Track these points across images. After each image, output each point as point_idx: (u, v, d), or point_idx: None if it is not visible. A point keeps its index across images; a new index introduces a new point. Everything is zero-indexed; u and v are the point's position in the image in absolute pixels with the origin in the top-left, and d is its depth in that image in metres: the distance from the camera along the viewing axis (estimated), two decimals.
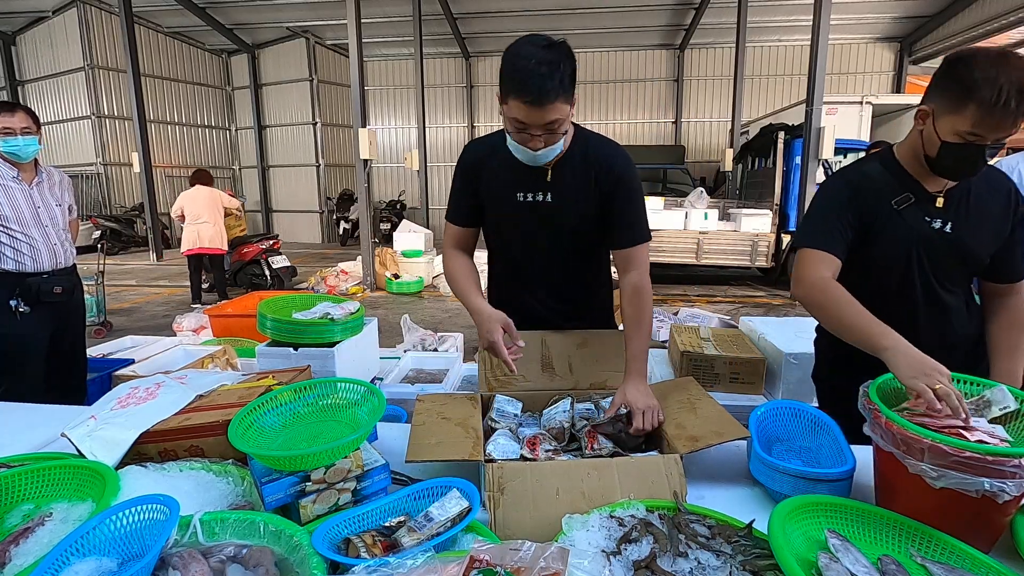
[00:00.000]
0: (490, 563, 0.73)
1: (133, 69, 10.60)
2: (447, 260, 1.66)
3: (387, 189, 16.43)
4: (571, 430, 1.32)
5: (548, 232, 1.56)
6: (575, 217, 1.54)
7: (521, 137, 1.36)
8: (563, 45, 1.30)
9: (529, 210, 1.54)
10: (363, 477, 1.04)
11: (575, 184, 1.51)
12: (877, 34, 13.66)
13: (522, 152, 1.39)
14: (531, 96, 1.26)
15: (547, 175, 1.51)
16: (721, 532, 0.91)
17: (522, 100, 1.27)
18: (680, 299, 7.78)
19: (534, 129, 1.33)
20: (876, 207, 1.39)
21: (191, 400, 1.28)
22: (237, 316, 4.24)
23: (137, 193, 13.31)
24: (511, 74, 1.27)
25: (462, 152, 1.61)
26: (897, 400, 1.08)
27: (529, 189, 1.52)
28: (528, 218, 1.55)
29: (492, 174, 1.55)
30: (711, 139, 14.91)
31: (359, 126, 8.08)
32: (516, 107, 1.30)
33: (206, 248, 7.09)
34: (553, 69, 1.25)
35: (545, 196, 1.52)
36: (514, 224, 1.59)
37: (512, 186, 1.53)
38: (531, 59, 1.25)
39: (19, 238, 2.59)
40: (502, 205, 1.56)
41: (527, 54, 1.26)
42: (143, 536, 0.81)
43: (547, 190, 1.52)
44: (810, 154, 7.44)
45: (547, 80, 1.24)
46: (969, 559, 0.84)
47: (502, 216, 1.59)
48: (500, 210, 1.58)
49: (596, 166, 1.50)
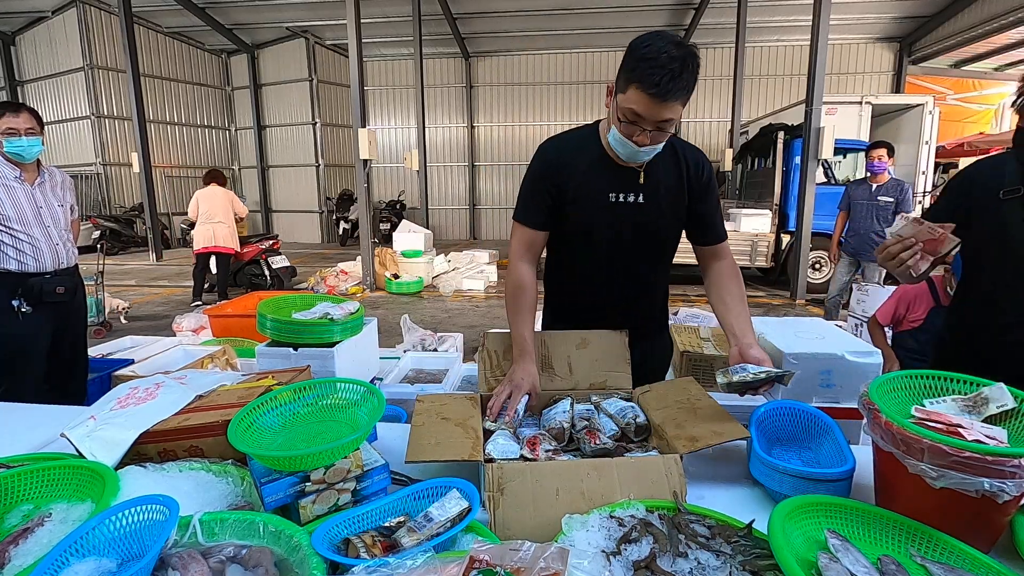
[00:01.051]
0: (490, 563, 0.73)
1: (133, 69, 10.60)
2: (515, 272, 1.55)
3: (387, 189, 16.43)
4: (571, 430, 1.32)
5: (636, 233, 1.53)
6: (665, 218, 1.54)
7: (630, 130, 1.32)
8: (692, 47, 1.28)
9: (620, 211, 1.50)
10: (363, 477, 1.04)
11: (667, 185, 1.50)
12: (877, 34, 13.67)
13: (624, 146, 1.37)
14: (656, 88, 1.23)
15: (640, 176, 1.48)
16: (721, 532, 0.91)
17: (646, 91, 1.24)
18: (680, 299, 7.78)
19: (647, 123, 1.30)
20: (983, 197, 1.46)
21: (191, 400, 1.28)
22: (237, 316, 4.24)
23: (137, 193, 13.32)
24: (641, 62, 1.24)
25: (540, 150, 1.55)
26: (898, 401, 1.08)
27: (621, 190, 1.49)
28: (617, 219, 1.51)
29: (581, 173, 1.50)
30: (711, 139, 14.92)
31: (359, 126, 8.08)
32: (636, 97, 1.27)
33: (220, 247, 7.14)
34: (683, 68, 1.23)
35: (637, 197, 1.50)
36: (602, 225, 1.53)
37: (604, 186, 1.49)
38: (663, 53, 1.23)
39: (21, 238, 2.59)
40: (592, 206, 1.51)
41: (660, 47, 1.23)
42: (143, 536, 0.81)
43: (639, 191, 1.50)
44: (810, 154, 7.44)
45: (676, 77, 1.23)
46: (969, 559, 0.84)
47: (589, 217, 1.52)
48: (588, 211, 1.52)
49: (687, 168, 1.51)
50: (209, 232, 7.06)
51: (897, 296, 3.04)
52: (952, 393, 1.07)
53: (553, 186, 1.51)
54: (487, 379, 1.54)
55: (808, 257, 7.90)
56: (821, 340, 2.18)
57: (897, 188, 4.99)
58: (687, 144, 1.57)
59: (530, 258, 1.55)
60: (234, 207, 7.28)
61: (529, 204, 1.55)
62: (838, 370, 2.04)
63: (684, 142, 1.57)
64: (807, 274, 8.02)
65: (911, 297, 2.96)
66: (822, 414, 1.29)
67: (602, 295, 1.63)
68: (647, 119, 1.29)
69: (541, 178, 1.52)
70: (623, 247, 1.55)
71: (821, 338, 2.20)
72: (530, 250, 1.55)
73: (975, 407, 1.01)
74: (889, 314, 3.04)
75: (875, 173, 5.04)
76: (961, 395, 1.06)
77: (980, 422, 0.97)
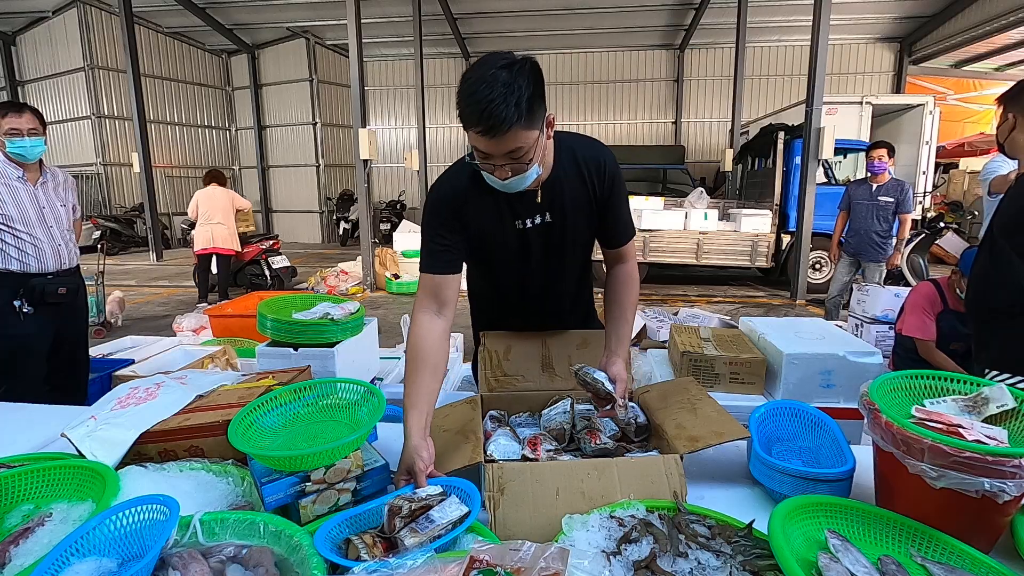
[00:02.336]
0: (490, 563, 0.73)
1: (133, 69, 10.60)
2: (413, 328, 1.34)
3: (387, 189, 16.43)
4: (571, 431, 1.32)
5: (552, 252, 1.48)
6: (579, 231, 1.47)
7: (487, 167, 1.23)
8: (526, 64, 1.16)
9: (530, 235, 1.43)
10: (363, 477, 1.04)
11: (572, 197, 1.41)
12: (877, 34, 13.66)
13: (493, 182, 1.26)
14: (484, 126, 1.12)
15: (537, 196, 1.39)
16: (721, 532, 0.91)
17: (474, 131, 1.15)
18: (680, 299, 7.78)
19: (497, 160, 1.20)
20: None
21: (191, 400, 1.28)
22: (237, 316, 4.24)
23: (137, 193, 13.32)
24: (464, 100, 1.13)
25: (433, 191, 1.41)
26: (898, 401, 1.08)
27: (525, 215, 1.41)
28: (529, 243, 1.45)
29: (481, 206, 1.38)
30: (711, 139, 14.91)
31: (359, 126, 8.08)
32: (474, 137, 1.17)
33: (219, 248, 7.13)
34: (508, 94, 1.10)
35: (544, 217, 1.42)
36: (513, 253, 1.47)
37: (507, 214, 1.41)
38: (483, 83, 1.11)
39: (24, 238, 2.59)
40: (499, 236, 1.43)
41: (481, 77, 1.12)
42: (143, 536, 0.81)
43: (544, 211, 1.42)
44: (810, 154, 7.44)
45: (501, 107, 1.10)
46: (969, 559, 0.84)
47: (497, 248, 1.45)
48: (497, 241, 1.44)
49: (588, 171, 1.41)
50: (208, 233, 7.05)
51: (918, 306, 2.90)
52: (952, 393, 1.07)
53: (455, 224, 1.39)
54: (487, 379, 1.54)
55: (808, 257, 7.90)
56: (821, 340, 2.18)
57: (897, 188, 4.99)
58: (587, 142, 1.45)
59: (436, 308, 1.36)
60: (235, 204, 7.27)
61: (432, 248, 1.39)
62: (838, 370, 2.04)
63: (584, 140, 1.45)
64: (807, 274, 8.01)
65: (928, 302, 2.87)
66: (822, 414, 1.29)
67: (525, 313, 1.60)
68: (494, 156, 1.19)
69: (440, 217, 1.39)
70: (541, 267, 1.50)
71: (821, 338, 2.20)
72: (435, 299, 1.36)
73: (975, 407, 1.01)
74: (924, 326, 2.87)
75: (875, 173, 5.04)
76: (961, 395, 1.06)
77: (980, 422, 0.97)
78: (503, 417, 1.43)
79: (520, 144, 1.17)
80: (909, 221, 5.17)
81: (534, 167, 1.25)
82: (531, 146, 1.20)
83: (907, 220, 5.09)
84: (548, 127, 1.26)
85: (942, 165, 12.51)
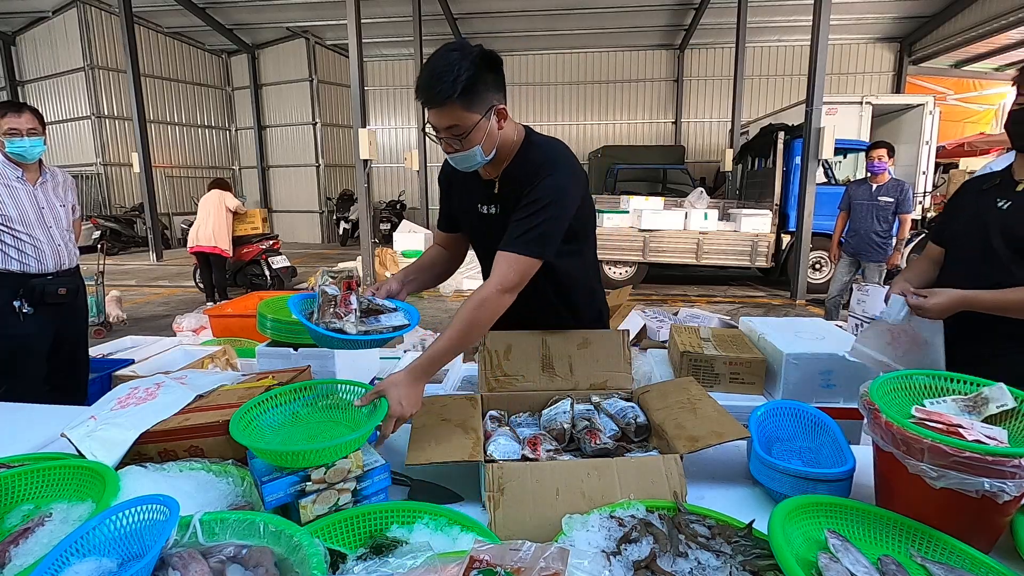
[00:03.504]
0: (490, 563, 0.73)
1: (133, 69, 10.60)
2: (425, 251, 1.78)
3: (387, 189, 16.42)
4: (571, 431, 1.32)
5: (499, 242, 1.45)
6: None
7: (436, 139, 1.35)
8: (476, 50, 1.25)
9: (485, 222, 1.52)
10: (363, 477, 1.04)
11: (518, 194, 1.40)
12: (877, 34, 13.66)
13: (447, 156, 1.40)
14: (423, 96, 1.26)
15: (495, 186, 1.48)
16: (721, 532, 0.91)
17: (419, 100, 1.28)
18: (680, 299, 7.78)
19: (441, 133, 1.31)
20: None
21: (191, 400, 1.28)
22: (237, 316, 4.24)
23: (137, 193, 13.32)
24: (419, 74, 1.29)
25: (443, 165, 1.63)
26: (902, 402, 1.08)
27: (485, 202, 1.52)
28: (486, 230, 1.52)
29: (461, 186, 1.58)
30: (711, 139, 14.91)
31: (359, 126, 8.08)
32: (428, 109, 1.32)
33: (203, 247, 7.16)
34: (446, 71, 1.21)
35: (497, 208, 1.50)
36: (478, 237, 1.62)
37: (474, 199, 1.54)
38: (434, 59, 1.24)
39: (23, 239, 2.58)
40: (468, 216, 1.59)
41: (435, 55, 1.25)
42: (143, 536, 0.81)
43: (496, 202, 1.49)
44: (810, 154, 7.44)
45: (436, 82, 1.21)
46: (969, 559, 0.84)
47: (467, 225, 1.63)
48: (465, 219, 1.62)
49: (532, 172, 1.39)
50: (193, 233, 7.24)
51: None
52: (952, 393, 1.07)
53: (447, 195, 1.65)
54: (487, 379, 1.54)
55: (808, 257, 7.90)
56: (821, 340, 2.18)
57: (897, 188, 4.99)
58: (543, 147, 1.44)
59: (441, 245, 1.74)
60: (224, 203, 7.28)
61: (440, 210, 1.72)
62: (838, 370, 2.04)
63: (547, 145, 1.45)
64: (807, 274, 8.02)
65: None
66: (822, 414, 1.29)
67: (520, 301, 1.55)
68: (438, 129, 1.31)
69: (441, 188, 1.68)
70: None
71: (821, 338, 2.20)
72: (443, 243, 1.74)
73: (975, 407, 1.01)
74: None
75: (875, 173, 5.03)
76: (961, 395, 1.06)
77: (980, 422, 0.97)
78: (503, 417, 1.43)
79: (457, 122, 1.28)
80: (909, 221, 5.17)
81: (475, 148, 1.32)
82: (469, 127, 1.28)
83: (907, 220, 5.08)
84: (499, 117, 1.34)
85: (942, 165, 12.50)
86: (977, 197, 1.61)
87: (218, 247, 7.19)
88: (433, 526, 0.94)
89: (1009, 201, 1.52)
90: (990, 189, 1.60)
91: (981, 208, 1.57)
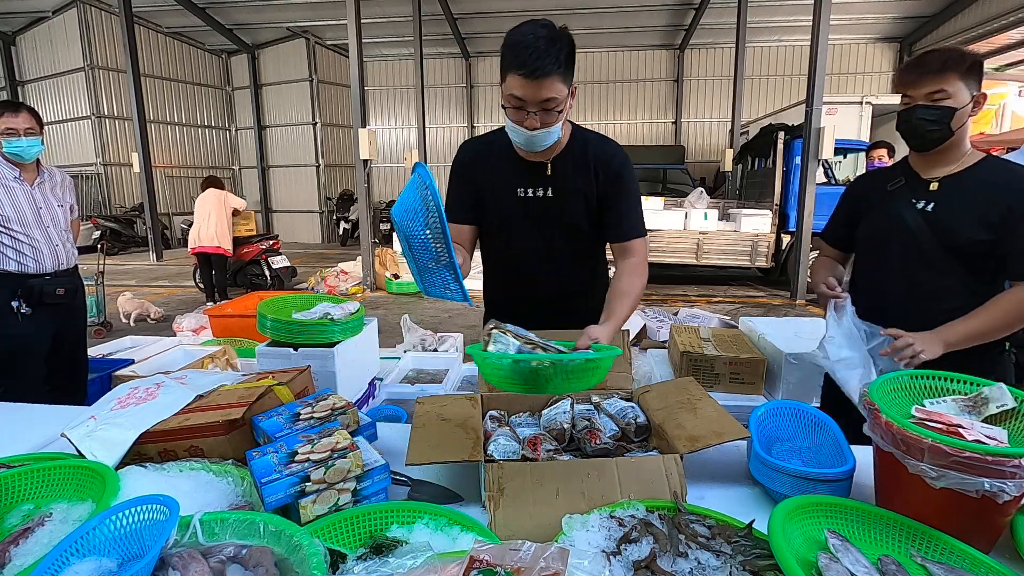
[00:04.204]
0: (490, 563, 0.73)
1: (133, 69, 10.60)
2: None
3: (387, 189, 16.44)
4: (571, 431, 1.32)
5: (548, 228, 1.55)
6: (575, 213, 1.54)
7: (518, 115, 1.35)
8: (564, 29, 1.32)
9: (529, 205, 1.53)
10: (363, 477, 1.04)
11: (576, 179, 1.50)
12: (877, 34, 13.67)
13: (519, 134, 1.38)
14: (528, 68, 1.27)
15: (547, 169, 1.50)
16: (721, 532, 0.91)
17: (519, 73, 1.28)
18: (680, 299, 7.78)
19: (531, 106, 1.32)
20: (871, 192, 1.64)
21: (191, 400, 1.28)
22: (237, 316, 4.24)
23: (137, 193, 13.32)
24: (510, 48, 1.29)
25: (459, 150, 1.62)
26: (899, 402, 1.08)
27: (529, 184, 1.52)
28: (528, 214, 1.54)
29: (490, 170, 1.54)
30: (711, 139, 14.92)
31: (359, 126, 8.08)
32: (514, 82, 1.31)
33: (205, 247, 7.17)
34: (551, 45, 1.27)
35: (546, 191, 1.52)
36: (514, 221, 1.57)
37: (512, 181, 1.52)
38: (529, 35, 1.28)
39: (21, 239, 2.58)
40: (502, 201, 1.55)
41: (526, 31, 1.29)
42: (143, 536, 0.81)
43: (548, 185, 1.51)
44: (810, 154, 7.44)
45: (545, 55, 1.26)
46: (969, 559, 0.84)
47: (501, 213, 1.57)
48: (500, 206, 1.56)
49: (596, 162, 1.50)
50: (194, 233, 7.24)
51: None
52: (952, 393, 1.07)
53: (470, 181, 1.57)
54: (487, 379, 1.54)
55: (808, 257, 7.90)
56: None
57: None
58: (601, 138, 1.57)
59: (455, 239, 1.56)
60: (228, 203, 7.29)
61: (450, 200, 1.58)
62: None
63: (599, 136, 1.57)
64: (807, 274, 8.02)
65: None
66: (822, 414, 1.29)
67: (531, 291, 1.64)
68: (529, 102, 1.32)
69: (457, 174, 1.59)
70: (538, 242, 1.57)
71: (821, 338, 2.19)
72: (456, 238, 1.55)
73: (975, 407, 1.01)
74: None
75: None
76: (961, 395, 1.06)
77: (980, 422, 0.97)
78: (503, 417, 1.43)
79: (555, 95, 1.31)
80: None
81: (557, 126, 1.37)
82: (562, 101, 1.33)
83: None
84: (571, 97, 1.37)
85: None
86: (887, 198, 1.58)
87: (221, 247, 7.22)
88: (433, 526, 0.94)
89: (930, 202, 1.49)
90: (899, 189, 1.56)
91: (898, 209, 1.54)
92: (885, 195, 1.59)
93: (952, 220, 1.46)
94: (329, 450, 1.02)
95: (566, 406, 1.38)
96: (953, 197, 1.47)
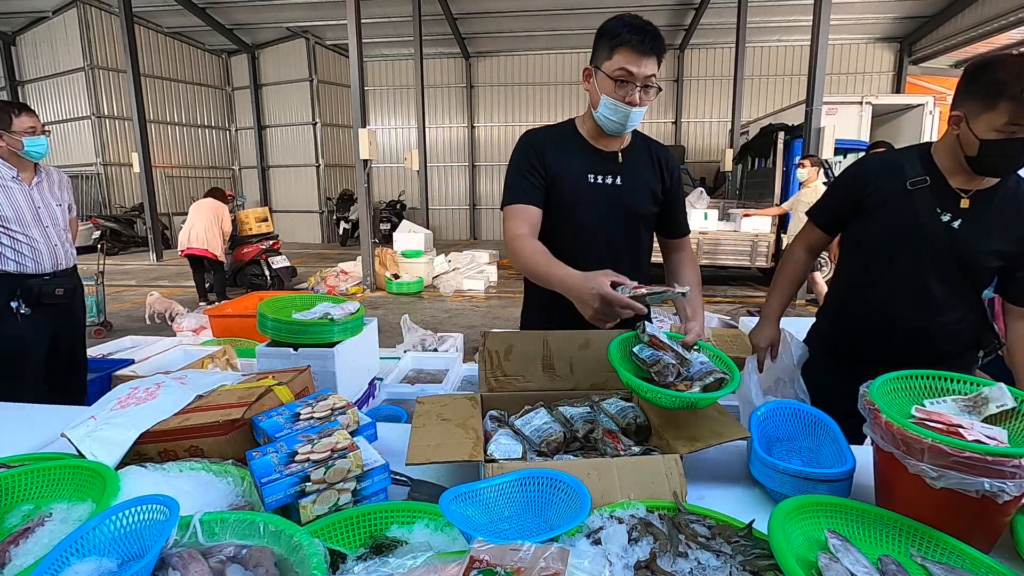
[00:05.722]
0: (490, 563, 0.73)
1: (133, 69, 10.60)
2: (520, 241, 1.49)
3: (387, 189, 16.43)
4: (585, 434, 1.31)
5: (616, 216, 1.60)
6: (642, 203, 1.61)
7: (624, 91, 1.44)
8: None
9: (601, 192, 1.58)
10: (363, 477, 1.04)
11: (645, 172, 1.61)
12: (877, 34, 13.67)
13: (617, 110, 1.46)
14: (646, 44, 1.39)
15: (619, 157, 1.58)
16: (721, 532, 0.91)
17: (634, 48, 1.39)
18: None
19: (637, 80, 1.42)
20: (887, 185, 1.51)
21: (191, 400, 1.28)
22: (237, 316, 4.25)
23: (137, 193, 13.33)
24: (626, 27, 1.40)
25: (522, 139, 1.64)
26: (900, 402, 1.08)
27: (600, 172, 1.58)
28: (599, 201, 1.58)
29: (561, 157, 1.58)
30: (711, 139, 14.92)
31: (359, 126, 8.08)
32: (624, 58, 1.41)
33: (195, 249, 7.20)
34: (655, 30, 1.43)
35: (616, 179, 1.58)
36: (584, 207, 1.58)
37: (584, 168, 1.57)
38: (637, 21, 1.42)
39: (20, 239, 2.58)
40: (573, 187, 1.57)
41: (633, 18, 1.42)
42: (143, 536, 0.81)
43: (619, 173, 1.58)
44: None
45: (657, 37, 1.42)
46: (969, 559, 0.84)
47: (571, 199, 1.58)
48: (570, 193, 1.57)
49: (659, 158, 1.65)
50: (183, 236, 7.29)
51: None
52: (952, 393, 1.07)
53: (540, 165, 1.58)
54: (487, 379, 1.54)
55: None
56: None
57: None
58: (659, 143, 1.71)
59: (531, 231, 1.53)
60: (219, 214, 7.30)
61: (521, 184, 1.56)
62: None
63: (656, 141, 1.71)
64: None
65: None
66: (822, 414, 1.29)
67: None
68: (636, 75, 1.42)
69: (527, 160, 1.59)
70: (605, 228, 1.61)
71: None
72: (527, 223, 1.53)
73: (975, 407, 1.01)
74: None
75: None
76: (961, 395, 1.06)
77: (980, 422, 0.97)
78: (503, 417, 1.43)
79: (656, 73, 1.44)
80: None
81: (644, 108, 1.48)
82: (656, 84, 1.46)
83: None
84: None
85: None
86: (907, 198, 1.46)
87: (208, 250, 7.20)
88: (433, 526, 0.94)
89: (958, 218, 1.42)
90: (922, 191, 1.45)
91: (919, 216, 1.44)
92: (904, 194, 1.47)
93: (979, 241, 1.42)
94: (329, 450, 1.02)
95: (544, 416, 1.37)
96: (982, 218, 1.41)
